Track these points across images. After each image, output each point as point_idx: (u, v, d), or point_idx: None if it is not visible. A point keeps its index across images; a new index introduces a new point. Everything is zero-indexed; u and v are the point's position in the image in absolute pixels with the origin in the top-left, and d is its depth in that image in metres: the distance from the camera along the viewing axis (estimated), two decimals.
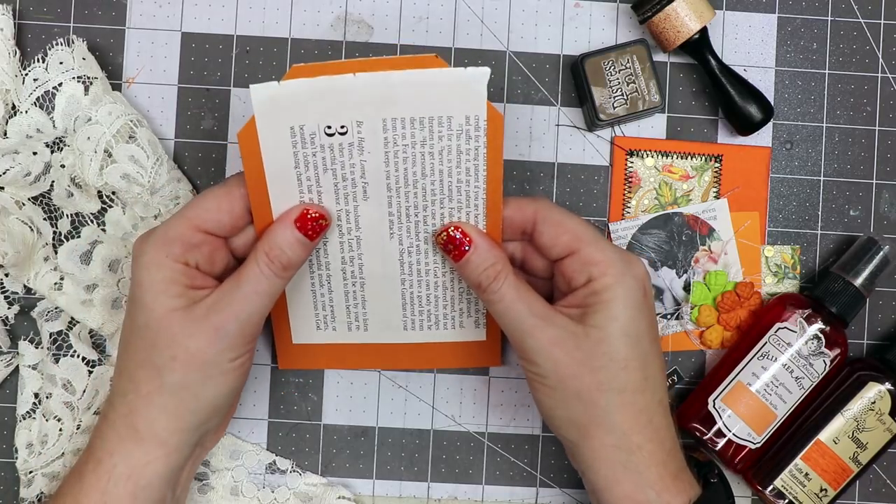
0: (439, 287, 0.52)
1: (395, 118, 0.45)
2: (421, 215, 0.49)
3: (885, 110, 0.58)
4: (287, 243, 0.46)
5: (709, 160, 0.58)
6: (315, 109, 0.44)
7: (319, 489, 0.57)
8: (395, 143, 0.46)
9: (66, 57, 0.55)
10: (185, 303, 0.45)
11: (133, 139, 0.54)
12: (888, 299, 0.58)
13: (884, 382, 0.54)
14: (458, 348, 0.55)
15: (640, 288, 0.47)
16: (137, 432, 0.45)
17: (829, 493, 0.54)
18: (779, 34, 0.58)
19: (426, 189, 0.48)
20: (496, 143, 0.47)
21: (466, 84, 0.44)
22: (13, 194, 0.54)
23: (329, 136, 0.45)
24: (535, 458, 0.58)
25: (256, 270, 0.46)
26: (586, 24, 0.58)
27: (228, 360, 0.45)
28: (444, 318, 0.53)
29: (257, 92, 0.44)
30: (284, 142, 0.45)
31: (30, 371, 0.55)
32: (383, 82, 0.44)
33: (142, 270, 0.45)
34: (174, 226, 0.46)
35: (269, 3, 0.58)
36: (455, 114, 0.45)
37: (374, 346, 0.55)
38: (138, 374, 0.45)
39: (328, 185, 0.47)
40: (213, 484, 0.57)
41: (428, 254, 0.50)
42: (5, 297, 0.57)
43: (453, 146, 0.46)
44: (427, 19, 0.58)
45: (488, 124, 0.46)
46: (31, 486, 0.55)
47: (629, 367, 0.46)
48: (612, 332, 0.46)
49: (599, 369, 0.46)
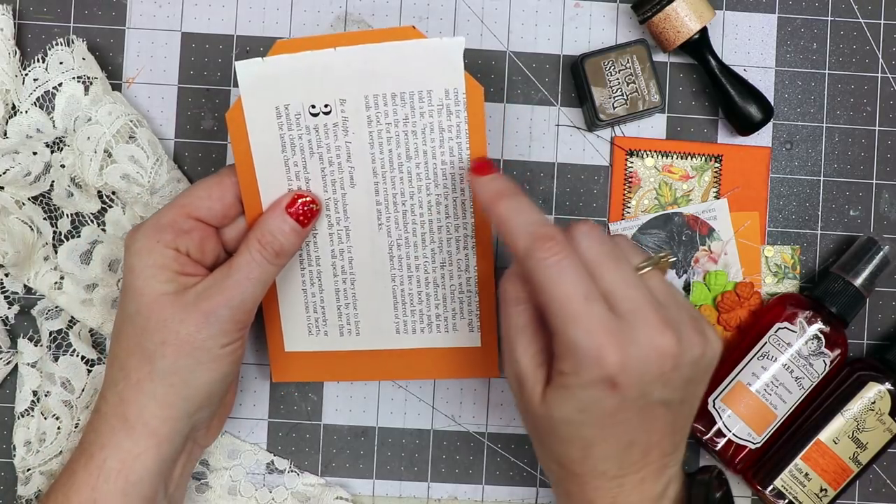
0: (430, 284, 0.52)
1: (377, 94, 0.46)
2: (408, 203, 0.49)
3: (885, 110, 0.58)
4: (279, 230, 0.47)
5: (709, 160, 0.58)
6: (299, 87, 0.45)
7: (317, 489, 0.57)
8: (377, 121, 0.46)
9: (66, 57, 0.55)
10: (176, 288, 0.45)
11: (133, 139, 0.54)
12: (888, 299, 0.58)
13: (884, 382, 0.54)
14: (452, 356, 0.54)
15: (595, 385, 0.40)
16: (128, 422, 0.45)
17: (829, 493, 0.54)
18: (779, 34, 0.58)
19: (412, 173, 0.48)
20: (477, 118, 0.47)
21: (442, 53, 0.45)
22: (13, 194, 0.54)
23: (314, 117, 0.46)
24: (535, 458, 0.58)
25: (248, 257, 0.46)
26: (586, 24, 0.58)
27: (220, 345, 0.45)
28: (436, 318, 0.53)
29: (242, 69, 0.44)
30: (270, 123, 0.46)
31: (28, 369, 0.56)
32: (363, 55, 0.44)
33: (133, 257, 0.46)
34: (165, 213, 0.46)
35: (269, 3, 0.58)
36: (434, 87, 0.46)
37: (368, 354, 0.54)
38: (129, 361, 0.46)
39: (315, 170, 0.48)
40: (211, 483, 0.57)
41: (417, 247, 0.50)
42: (5, 297, 0.57)
43: (434, 123, 0.47)
44: (427, 19, 0.58)
45: (468, 97, 0.46)
46: (28, 483, 0.55)
47: (571, 447, 0.43)
48: (558, 418, 0.42)
49: (553, 441, 0.43)
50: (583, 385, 0.40)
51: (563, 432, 0.42)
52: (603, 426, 0.42)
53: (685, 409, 0.44)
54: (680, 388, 0.42)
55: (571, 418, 0.41)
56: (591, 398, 0.41)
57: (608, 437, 0.42)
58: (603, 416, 0.41)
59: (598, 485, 0.43)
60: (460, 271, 0.52)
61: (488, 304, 0.53)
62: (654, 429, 0.43)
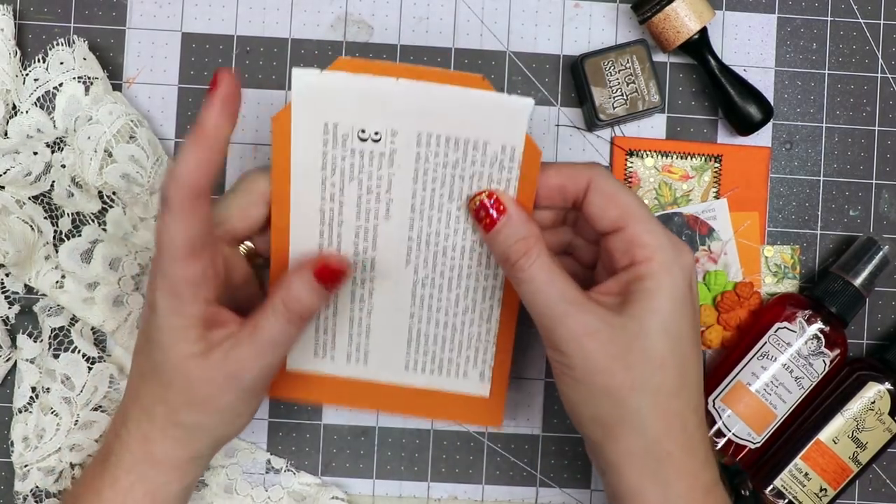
0: (448, 328, 0.50)
1: (431, 134, 0.44)
2: (441, 245, 0.47)
3: (885, 110, 0.58)
4: (306, 293, 0.45)
5: (708, 160, 0.58)
6: (353, 109, 0.43)
7: (313, 489, 0.57)
8: (426, 159, 0.45)
9: (67, 57, 0.55)
10: (203, 348, 0.44)
11: (133, 139, 0.54)
12: (888, 299, 0.58)
13: (883, 382, 0.54)
14: (457, 401, 0.52)
15: (687, 280, 0.43)
16: (153, 456, 0.45)
17: (828, 493, 0.54)
18: (778, 34, 0.59)
19: (451, 215, 0.46)
20: (529, 181, 0.45)
21: (508, 111, 0.43)
22: (14, 193, 0.54)
23: (362, 142, 0.44)
24: (535, 458, 0.58)
25: (272, 319, 0.44)
26: (586, 24, 0.58)
27: (243, 403, 0.46)
28: (448, 362, 0.51)
29: (298, 76, 0.42)
30: (316, 137, 0.44)
31: (28, 365, 0.56)
32: (425, 93, 0.43)
33: (159, 314, 0.43)
34: (166, 261, 0.43)
35: (269, 3, 0.58)
36: (492, 140, 0.44)
37: (372, 385, 0.52)
38: (155, 409, 0.45)
39: (352, 195, 0.46)
40: (208, 481, 0.57)
41: (443, 289, 0.49)
42: (6, 297, 0.57)
43: (485, 174, 0.45)
44: (427, 19, 0.58)
45: (524, 158, 0.44)
46: (26, 480, 0.55)
47: (666, 368, 0.42)
48: (651, 326, 0.42)
49: (633, 367, 0.42)
50: (675, 280, 0.43)
51: (657, 347, 0.43)
52: (691, 337, 0.43)
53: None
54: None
55: (668, 324, 0.43)
56: (681, 299, 0.43)
57: (695, 355, 0.44)
58: (690, 325, 0.43)
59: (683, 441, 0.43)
60: (482, 320, 0.50)
61: (504, 357, 0.51)
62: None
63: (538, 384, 0.58)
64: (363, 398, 0.52)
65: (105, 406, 0.55)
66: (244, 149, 0.58)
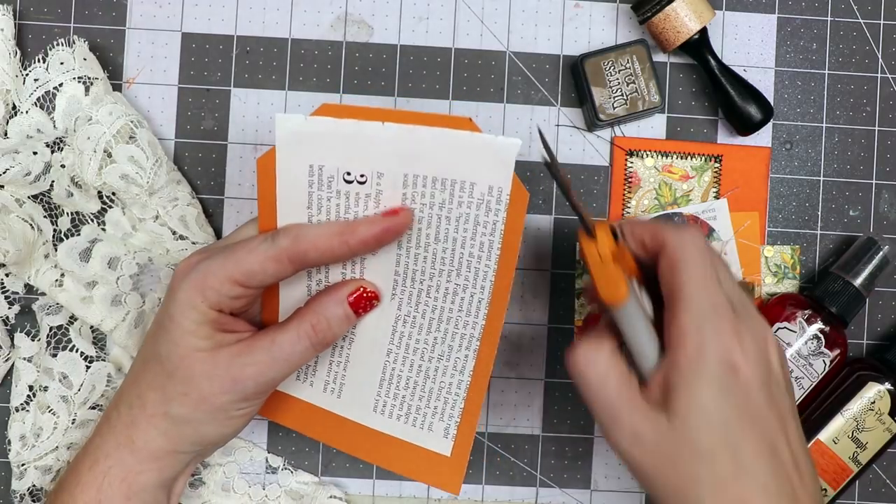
0: (421, 373, 0.49)
1: (418, 175, 0.44)
2: (426, 284, 0.47)
3: (885, 110, 0.58)
4: (336, 319, 0.45)
5: (708, 160, 0.58)
6: (338, 152, 0.43)
7: (311, 488, 0.57)
8: (412, 200, 0.44)
9: (67, 57, 0.55)
10: (212, 345, 0.44)
11: (133, 140, 0.54)
12: (888, 299, 0.58)
13: (883, 382, 0.54)
14: (419, 456, 0.51)
15: (725, 362, 0.41)
16: (134, 444, 0.46)
17: (828, 493, 0.54)
18: (778, 34, 0.59)
19: (436, 255, 0.46)
20: (516, 223, 0.45)
21: (495, 152, 0.43)
22: (13, 193, 0.54)
23: (347, 184, 0.44)
24: (535, 458, 0.58)
25: (295, 338, 0.45)
26: (586, 24, 0.58)
27: (238, 408, 0.46)
28: (415, 410, 0.50)
29: (282, 123, 0.42)
30: (301, 178, 0.44)
31: (25, 363, 0.56)
32: (412, 135, 0.42)
33: (175, 305, 0.44)
34: (215, 272, 0.44)
35: (269, 3, 0.58)
36: (479, 181, 0.44)
37: (340, 421, 0.51)
38: (148, 395, 0.46)
39: None
40: (205, 479, 0.57)
41: (422, 329, 0.48)
42: (6, 297, 0.57)
43: (471, 215, 0.45)
44: (427, 19, 0.58)
45: (511, 199, 0.44)
46: (23, 478, 0.55)
47: (716, 459, 0.41)
48: (691, 422, 0.41)
49: (685, 465, 0.42)
50: (709, 364, 0.41)
51: (703, 440, 0.41)
52: (742, 419, 0.42)
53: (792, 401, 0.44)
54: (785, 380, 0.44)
55: (710, 413, 0.41)
56: (721, 383, 0.41)
57: (751, 435, 0.42)
58: (738, 407, 0.41)
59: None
60: (455, 371, 0.49)
61: (470, 419, 0.50)
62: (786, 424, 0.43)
63: (538, 384, 0.58)
64: (329, 433, 0.52)
65: (103, 405, 0.55)
66: (244, 149, 0.58)
